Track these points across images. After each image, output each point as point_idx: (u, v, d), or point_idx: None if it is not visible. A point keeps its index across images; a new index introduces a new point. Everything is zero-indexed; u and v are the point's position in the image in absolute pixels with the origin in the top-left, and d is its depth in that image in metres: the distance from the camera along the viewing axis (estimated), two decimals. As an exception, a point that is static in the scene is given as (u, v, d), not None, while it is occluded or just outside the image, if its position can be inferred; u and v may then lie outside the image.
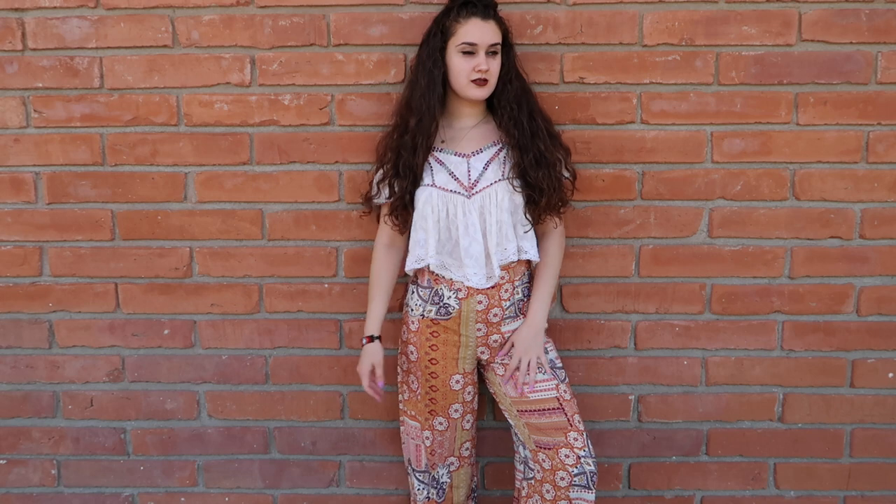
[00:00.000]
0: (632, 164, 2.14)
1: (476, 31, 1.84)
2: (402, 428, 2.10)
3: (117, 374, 2.30)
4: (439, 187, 1.91)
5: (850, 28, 2.06)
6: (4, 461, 2.36)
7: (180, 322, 2.26)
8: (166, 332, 2.27)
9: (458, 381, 2.00)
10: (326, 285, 2.23)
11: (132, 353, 2.29)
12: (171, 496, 2.37)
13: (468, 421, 2.06)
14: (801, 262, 2.19)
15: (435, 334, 1.97)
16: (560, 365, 2.01)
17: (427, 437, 2.04)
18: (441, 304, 1.96)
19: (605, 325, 2.23)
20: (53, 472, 2.36)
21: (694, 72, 2.09)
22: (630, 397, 2.28)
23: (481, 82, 1.86)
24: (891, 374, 2.25)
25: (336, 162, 2.16)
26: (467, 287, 1.93)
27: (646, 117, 2.12)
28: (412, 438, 2.07)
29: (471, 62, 1.85)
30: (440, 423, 2.03)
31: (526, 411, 1.96)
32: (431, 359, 1.98)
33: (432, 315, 1.97)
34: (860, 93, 2.10)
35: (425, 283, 1.98)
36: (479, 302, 1.94)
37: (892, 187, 2.15)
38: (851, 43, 2.07)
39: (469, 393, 2.04)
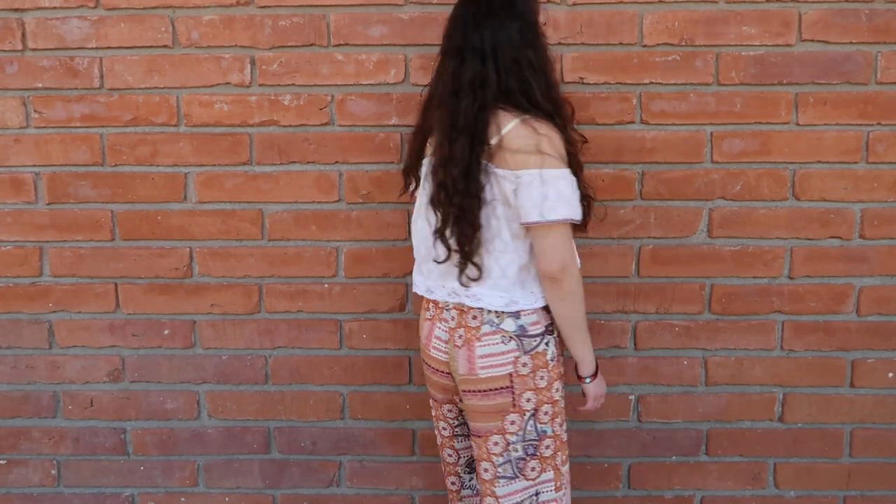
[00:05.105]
0: (632, 164, 2.14)
1: None
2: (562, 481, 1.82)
3: (117, 374, 2.30)
4: None
5: (849, 28, 2.06)
6: (4, 461, 2.36)
7: (180, 322, 2.26)
8: (166, 332, 2.27)
9: None
10: (326, 285, 2.23)
11: (132, 353, 2.29)
12: (171, 496, 2.37)
13: None
14: (801, 262, 2.19)
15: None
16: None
17: None
18: None
19: (604, 325, 2.23)
20: (53, 472, 2.36)
21: (694, 72, 2.09)
22: (630, 397, 2.28)
23: None
24: (891, 374, 2.25)
25: (336, 162, 2.16)
26: None
27: (646, 117, 2.12)
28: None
29: None
30: None
31: None
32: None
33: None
34: (860, 93, 2.10)
35: None
36: None
37: (892, 187, 2.15)
38: (851, 43, 2.07)
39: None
